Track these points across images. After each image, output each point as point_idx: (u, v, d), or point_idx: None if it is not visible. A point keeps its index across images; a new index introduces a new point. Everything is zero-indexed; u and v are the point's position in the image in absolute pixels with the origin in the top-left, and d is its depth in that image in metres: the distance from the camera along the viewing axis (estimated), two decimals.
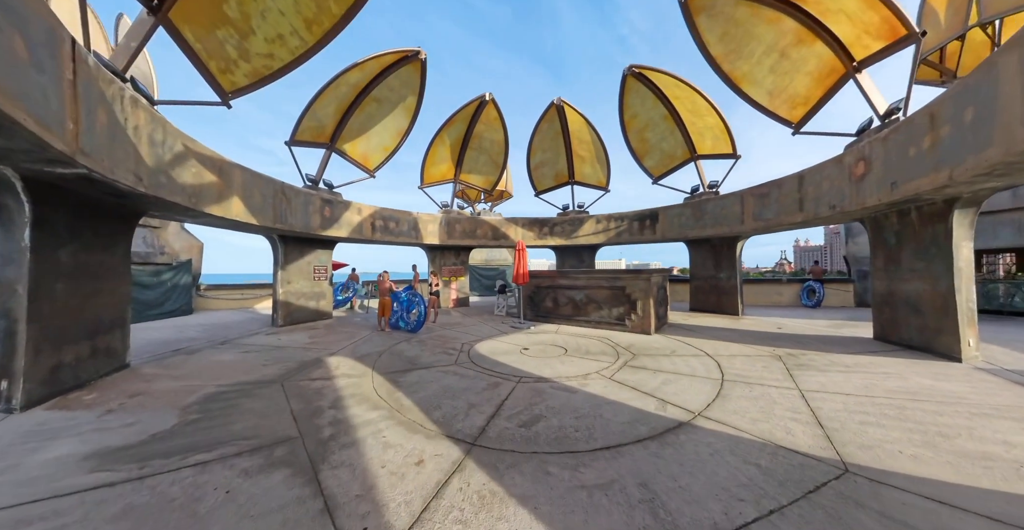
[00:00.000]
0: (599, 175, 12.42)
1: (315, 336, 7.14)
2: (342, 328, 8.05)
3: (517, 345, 6.32)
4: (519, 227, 12.22)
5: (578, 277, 8.71)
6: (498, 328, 8.09)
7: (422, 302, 7.17)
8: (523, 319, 8.77)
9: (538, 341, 6.72)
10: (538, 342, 6.62)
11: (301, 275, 8.99)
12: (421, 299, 7.24)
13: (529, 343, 6.51)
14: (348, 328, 8.09)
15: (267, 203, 6.79)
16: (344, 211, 8.67)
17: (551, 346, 6.26)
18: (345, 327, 8.23)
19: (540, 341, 6.72)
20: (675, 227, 11.08)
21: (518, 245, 8.36)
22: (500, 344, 6.41)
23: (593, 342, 6.59)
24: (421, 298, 7.26)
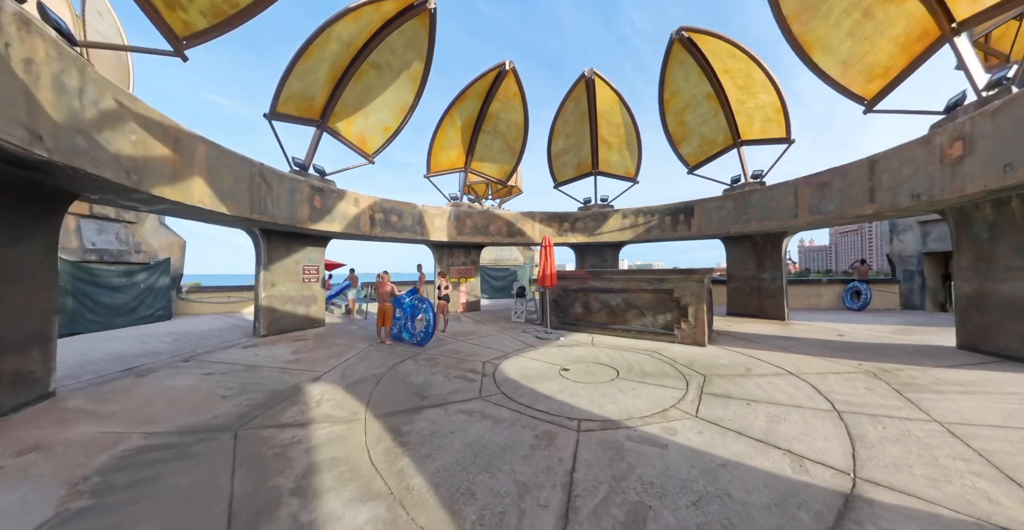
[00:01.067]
0: (627, 164, 11.17)
1: (300, 350, 5.93)
2: (334, 339, 6.84)
3: (552, 363, 5.10)
4: (536, 222, 10.99)
5: (615, 278, 7.48)
6: (521, 339, 6.86)
7: (430, 308, 5.97)
8: (548, 328, 7.52)
9: (575, 357, 5.49)
10: (576, 359, 5.39)
11: (288, 276, 7.80)
12: (429, 305, 6.03)
13: (566, 360, 5.28)
14: (341, 339, 6.87)
15: (241, 188, 5.60)
16: (338, 202, 7.48)
17: (595, 365, 5.04)
18: (338, 338, 7.02)
19: (578, 357, 5.49)
20: (713, 222, 9.93)
21: (544, 241, 7.14)
22: (531, 362, 5.18)
23: (643, 358, 5.40)
24: (429, 303, 6.06)
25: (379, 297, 6.40)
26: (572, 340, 6.90)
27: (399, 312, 6.62)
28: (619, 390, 3.94)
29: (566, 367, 4.95)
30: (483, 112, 9.02)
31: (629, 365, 5.02)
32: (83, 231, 10.13)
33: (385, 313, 6.32)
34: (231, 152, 5.39)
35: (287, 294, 7.79)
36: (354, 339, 6.84)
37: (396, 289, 6.45)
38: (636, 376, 4.46)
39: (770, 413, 3.25)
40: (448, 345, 6.21)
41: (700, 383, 4.11)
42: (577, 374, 4.59)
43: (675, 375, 4.46)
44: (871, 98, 7.30)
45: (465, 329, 7.90)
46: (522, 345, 6.35)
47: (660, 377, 4.40)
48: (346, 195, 7.64)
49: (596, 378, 4.41)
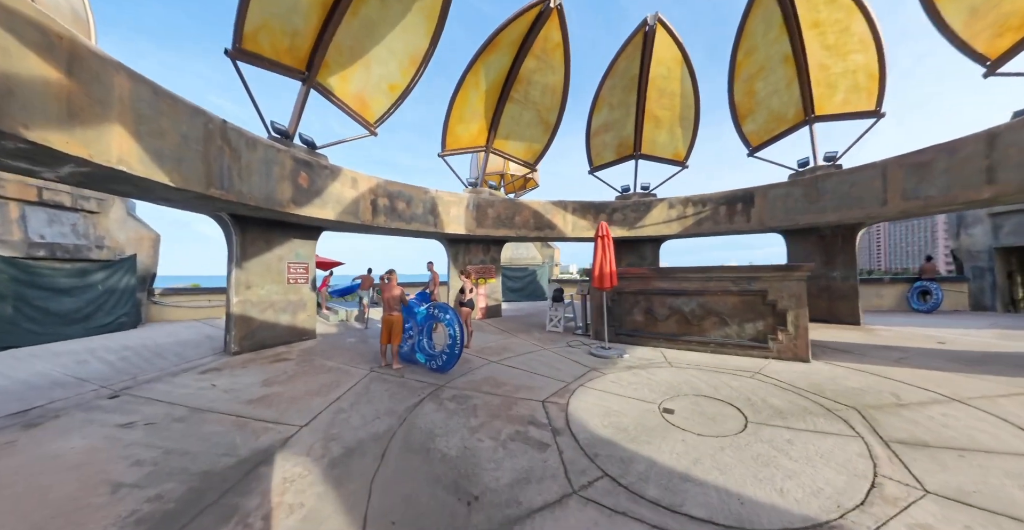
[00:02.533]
0: (677, 144, 9.55)
1: (275, 380, 4.33)
2: (325, 360, 5.23)
3: (642, 399, 3.63)
4: (569, 213, 9.39)
5: (689, 277, 5.96)
6: (573, 357, 5.27)
7: (455, 320, 4.33)
8: (606, 341, 5.89)
9: (665, 386, 4.02)
10: (668, 389, 3.93)
11: (268, 276, 6.24)
12: (454, 315, 4.40)
13: (656, 392, 3.82)
14: (335, 359, 5.27)
15: (192, 151, 4.04)
16: (331, 181, 5.91)
17: (701, 399, 3.65)
18: (331, 357, 5.42)
19: (669, 386, 4.03)
20: (778, 212, 8.51)
21: (600, 229, 5.53)
22: (611, 399, 3.63)
23: (753, 384, 4.05)
24: (454, 313, 4.42)
25: (384, 304, 4.79)
26: (639, 357, 5.34)
27: (410, 323, 5.02)
28: (774, 448, 2.66)
29: (666, 406, 3.45)
30: (513, 71, 7.37)
31: (746, 397, 3.64)
32: (28, 220, 8.59)
33: (392, 326, 4.71)
34: (174, 96, 3.82)
35: (267, 299, 6.21)
36: (351, 359, 5.23)
37: (406, 295, 4.85)
38: (771, 418, 3.18)
39: (1007, 470, 2.30)
40: (480, 370, 4.58)
41: (866, 424, 3.03)
42: (689, 417, 3.18)
43: (820, 412, 3.29)
44: (996, 57, 5.91)
45: (493, 342, 6.28)
46: (580, 367, 4.75)
47: (804, 416, 3.20)
48: (341, 173, 6.06)
49: (720, 425, 3.03)
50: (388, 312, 4.75)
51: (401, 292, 4.77)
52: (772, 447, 2.65)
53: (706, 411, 3.33)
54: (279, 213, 5.44)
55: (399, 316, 4.77)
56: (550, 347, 5.95)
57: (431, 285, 6.90)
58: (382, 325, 4.75)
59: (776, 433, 2.86)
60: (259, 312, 6.14)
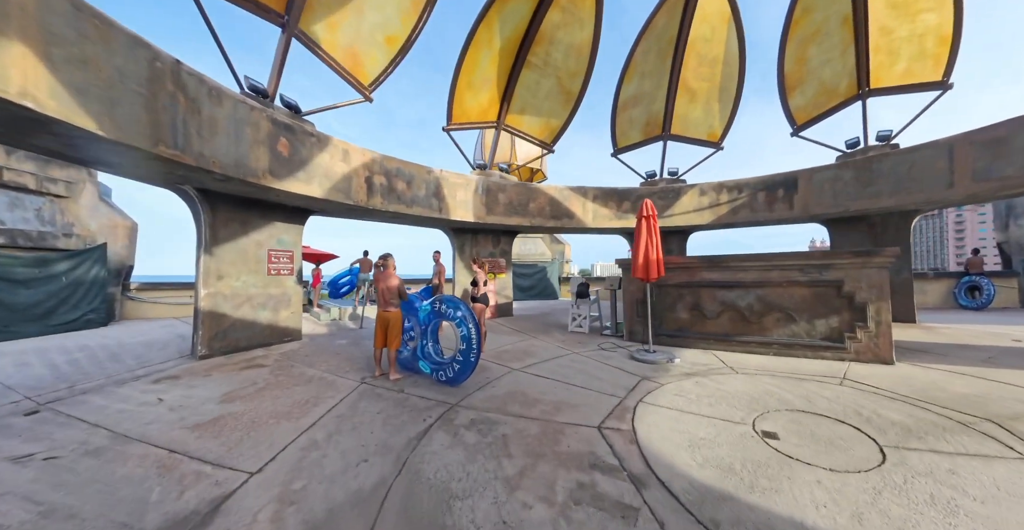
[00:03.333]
0: (712, 122, 8.62)
1: (239, 394, 3.43)
2: (305, 368, 4.32)
3: (725, 419, 2.84)
4: (589, 201, 8.48)
5: (744, 266, 5.16)
6: (613, 363, 4.40)
7: (468, 319, 3.43)
8: (650, 343, 4.97)
9: (742, 399, 3.22)
10: (748, 402, 3.15)
11: (245, 265, 5.35)
12: (467, 312, 3.46)
13: (737, 409, 3.00)
14: (318, 366, 4.36)
15: (131, 93, 3.14)
16: (317, 152, 5.01)
17: (800, 416, 2.90)
18: (313, 363, 4.51)
19: (746, 398, 3.24)
20: (825, 197, 7.71)
21: (644, 209, 4.61)
22: (688, 420, 2.78)
23: (848, 394, 3.39)
24: (467, 310, 3.46)
25: (379, 298, 3.87)
26: (693, 362, 4.50)
27: (410, 323, 4.11)
28: (941, 483, 1.95)
29: (763, 427, 2.68)
30: (533, 26, 6.37)
31: (855, 412, 2.92)
32: None
33: (388, 325, 3.79)
34: (105, 18, 2.92)
35: (243, 292, 5.32)
36: (339, 366, 4.32)
37: (405, 288, 3.92)
38: (905, 438, 2.45)
39: None
40: (501, 381, 3.67)
41: (1018, 440, 2.39)
42: (801, 443, 2.42)
43: (955, 427, 2.60)
44: None
45: (511, 345, 5.36)
46: (626, 376, 3.87)
47: (941, 434, 2.50)
48: (330, 144, 5.16)
49: (848, 452, 2.30)
50: (383, 307, 3.84)
51: (399, 283, 3.85)
52: (938, 482, 1.93)
53: (816, 432, 2.54)
54: (253, 186, 4.54)
55: (397, 313, 3.85)
56: (580, 350, 5.04)
57: (436, 278, 5.98)
58: (376, 324, 3.84)
59: (928, 461, 2.14)
60: (232, 308, 5.24)
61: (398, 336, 3.84)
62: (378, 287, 3.78)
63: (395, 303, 3.86)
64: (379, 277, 3.86)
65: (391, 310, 3.83)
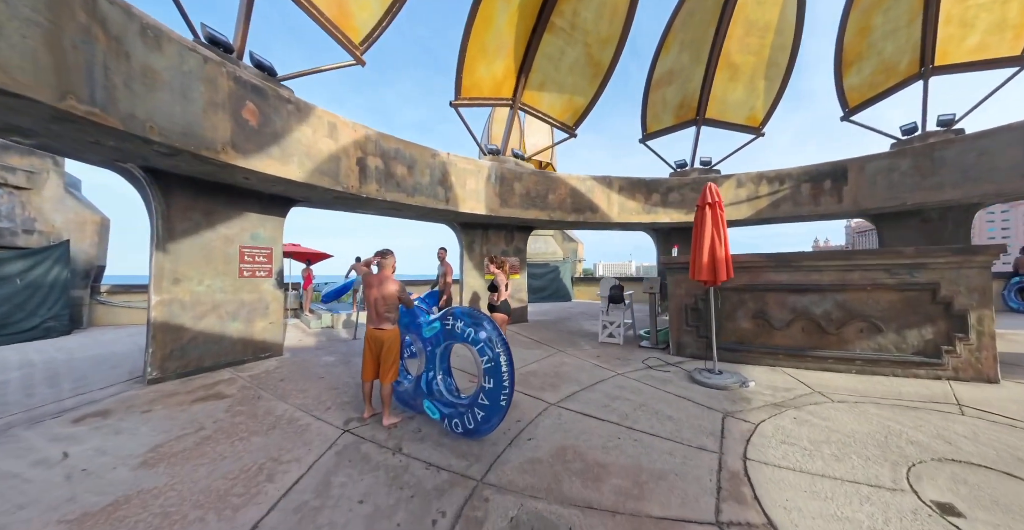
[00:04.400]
0: (755, 103, 7.64)
1: (171, 450, 2.45)
2: (276, 402, 3.32)
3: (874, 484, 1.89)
4: (615, 192, 7.51)
5: (819, 266, 4.32)
6: (672, 389, 3.47)
7: (496, 338, 2.40)
8: (714, 361, 3.99)
9: (867, 443, 2.34)
10: (876, 449, 2.26)
11: (209, 264, 4.40)
12: (492, 331, 2.42)
13: (874, 463, 2.03)
14: (292, 400, 3.36)
15: (24, 23, 2.18)
16: (296, 123, 4.04)
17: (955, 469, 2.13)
18: (288, 394, 3.51)
19: (871, 443, 2.34)
20: (879, 189, 6.89)
21: (708, 194, 3.64)
22: (823, 486, 1.90)
23: (984, 428, 2.73)
24: (492, 327, 2.45)
25: (369, 309, 2.87)
26: (770, 386, 3.66)
27: (412, 342, 3.09)
28: None
29: (929, 495, 1.82)
30: None
31: (1019, 459, 2.11)
32: None
33: (382, 348, 2.79)
34: None
35: (207, 298, 4.36)
36: (319, 398, 3.33)
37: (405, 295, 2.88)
38: None
39: None
40: (540, 428, 2.66)
41: None
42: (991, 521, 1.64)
43: None
44: None
45: (536, 362, 4.37)
46: (701, 411, 2.97)
47: None
48: (313, 114, 4.18)
49: None
50: (375, 323, 2.82)
51: (400, 290, 2.84)
52: None
53: (999, 498, 1.80)
54: (212, 163, 3.57)
55: (393, 333, 2.83)
56: (624, 370, 4.07)
57: (443, 281, 4.98)
58: (364, 346, 2.84)
59: None
60: (194, 318, 4.27)
61: (394, 365, 2.81)
62: (368, 295, 2.77)
63: (391, 318, 2.84)
64: (371, 281, 2.85)
65: (385, 328, 2.81)
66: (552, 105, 6.80)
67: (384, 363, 2.76)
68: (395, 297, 2.79)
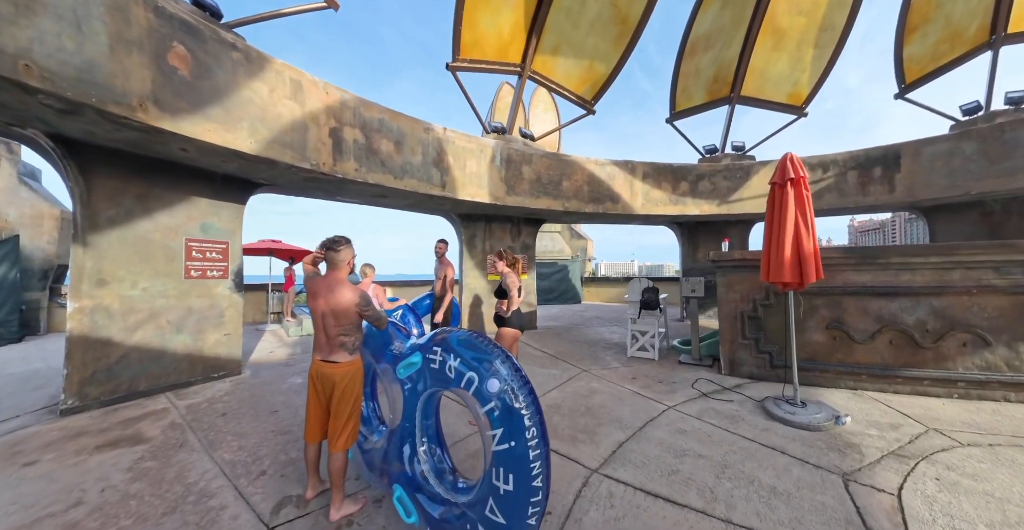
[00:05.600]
0: (799, 77, 6.74)
1: None
2: (198, 457, 2.44)
3: None
4: (638, 180, 6.64)
5: (911, 264, 3.51)
6: (746, 430, 2.66)
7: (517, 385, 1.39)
8: (795, 387, 3.10)
9: None
10: None
11: (145, 262, 3.57)
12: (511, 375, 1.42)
13: None
14: (220, 453, 2.49)
15: None
16: (246, 78, 3.18)
17: None
18: (220, 444, 2.63)
19: None
20: (938, 177, 6.07)
21: (787, 167, 2.74)
22: None
23: None
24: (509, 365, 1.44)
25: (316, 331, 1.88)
26: (867, 420, 2.87)
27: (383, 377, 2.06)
28: None
29: None
30: None
31: None
32: None
33: (334, 390, 1.83)
34: None
35: (143, 305, 3.53)
36: (257, 449, 2.45)
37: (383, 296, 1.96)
38: None
39: None
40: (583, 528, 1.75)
41: None
42: None
43: None
44: None
45: (555, 390, 3.50)
46: (807, 471, 2.14)
47: None
48: (269, 68, 3.32)
49: None
50: (325, 352, 1.87)
51: (360, 299, 1.86)
52: None
53: None
54: (128, 125, 2.72)
55: (350, 367, 1.86)
56: (672, 399, 3.20)
57: (440, 284, 4.10)
58: (308, 389, 1.92)
59: None
60: (125, 330, 3.43)
61: (351, 419, 1.84)
62: (314, 308, 1.86)
63: (348, 344, 1.84)
64: (316, 287, 1.89)
65: (337, 361, 1.83)
66: (568, 74, 5.88)
67: (336, 416, 1.82)
68: (352, 312, 1.82)
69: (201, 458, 2.22)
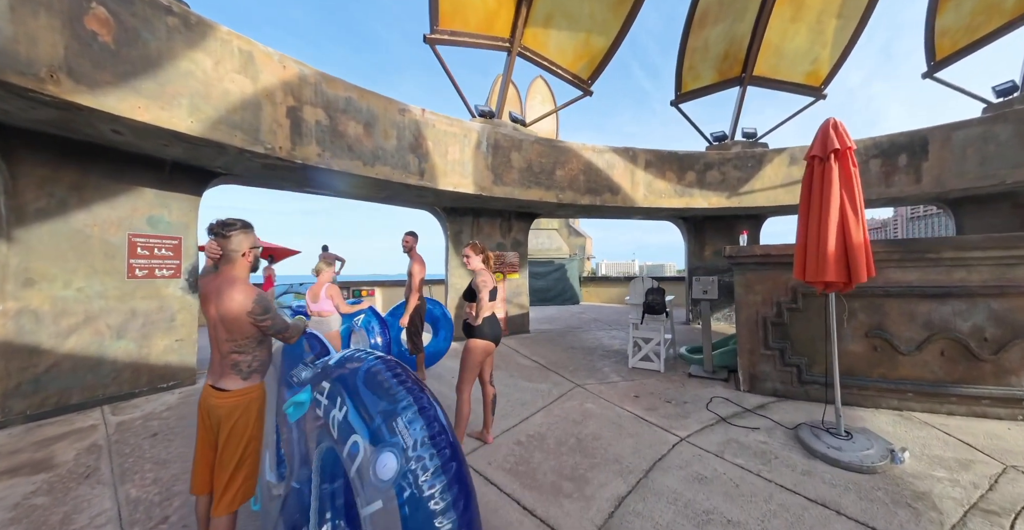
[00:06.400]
0: (819, 54, 6.38)
1: None
2: (100, 492, 2.13)
3: None
4: (640, 169, 6.31)
5: (967, 258, 3.06)
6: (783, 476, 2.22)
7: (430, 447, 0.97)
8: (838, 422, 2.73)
9: None
10: None
11: (81, 259, 3.31)
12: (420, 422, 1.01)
13: None
14: (127, 489, 2.19)
15: None
16: (184, 47, 2.88)
17: None
18: (132, 475, 2.33)
19: None
20: (970, 164, 5.73)
21: (830, 136, 2.40)
22: None
23: None
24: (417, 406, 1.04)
25: (213, 348, 1.51)
26: (930, 456, 2.40)
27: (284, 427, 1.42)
28: None
29: None
30: None
31: None
32: None
33: (219, 428, 1.45)
34: None
35: (77, 307, 3.26)
36: (165, 493, 2.11)
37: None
38: None
39: None
40: None
41: None
42: None
43: None
44: None
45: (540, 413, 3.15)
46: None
47: None
48: (212, 35, 3.02)
49: None
50: (215, 375, 1.51)
51: (256, 303, 1.46)
52: None
53: None
54: (37, 99, 2.43)
55: (244, 397, 1.48)
56: (684, 428, 2.80)
57: (408, 283, 3.77)
58: (197, 424, 1.53)
59: None
60: (56, 336, 3.16)
61: (239, 471, 1.45)
62: (206, 314, 1.52)
63: (243, 365, 1.49)
64: (206, 289, 1.53)
65: (225, 390, 1.48)
66: (562, 49, 5.53)
67: (221, 466, 1.42)
68: (243, 321, 1.43)
69: (103, 494, 1.93)
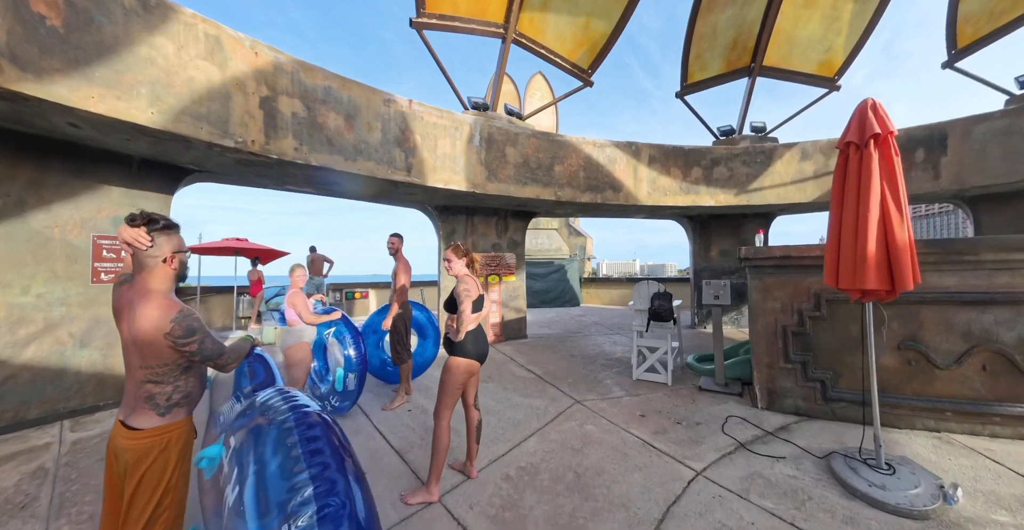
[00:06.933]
0: (834, 42, 6.18)
1: None
2: (43, 518, 1.97)
3: None
4: (643, 165, 6.11)
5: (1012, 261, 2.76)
6: (822, 525, 1.90)
7: None
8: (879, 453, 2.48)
9: None
10: None
11: (39, 263, 3.16)
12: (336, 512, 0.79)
13: None
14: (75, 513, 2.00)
15: None
16: (144, 32, 2.71)
17: None
18: (67, 513, 2.16)
19: None
20: (991, 159, 5.51)
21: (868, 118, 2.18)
22: None
23: None
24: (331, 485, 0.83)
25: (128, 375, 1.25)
26: (983, 492, 2.11)
27: None
28: None
29: None
30: None
31: None
32: None
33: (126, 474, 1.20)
34: None
35: (36, 315, 3.13)
36: None
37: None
38: None
39: None
40: None
41: None
42: None
43: None
44: None
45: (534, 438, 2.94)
46: None
47: None
48: (174, 18, 2.85)
49: None
50: (127, 409, 1.25)
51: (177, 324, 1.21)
52: None
53: None
54: None
55: (157, 437, 1.22)
56: (699, 458, 2.53)
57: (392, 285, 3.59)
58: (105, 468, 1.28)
59: None
60: (12, 345, 3.01)
61: (157, 528, 1.18)
62: (120, 332, 1.26)
63: (161, 397, 1.24)
64: (118, 302, 1.30)
65: (135, 428, 1.22)
66: (560, 36, 5.31)
67: (131, 520, 1.18)
68: (159, 344, 1.20)
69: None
